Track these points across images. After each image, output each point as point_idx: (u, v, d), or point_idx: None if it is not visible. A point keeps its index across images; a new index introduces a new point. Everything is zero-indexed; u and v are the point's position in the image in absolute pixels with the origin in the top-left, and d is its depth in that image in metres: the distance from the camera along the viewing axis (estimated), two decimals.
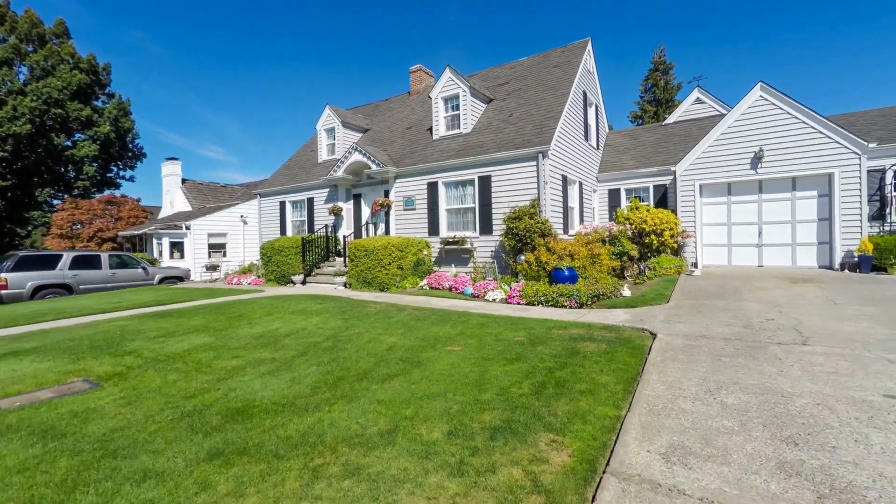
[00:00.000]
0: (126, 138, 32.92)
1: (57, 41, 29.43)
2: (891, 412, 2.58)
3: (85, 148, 29.19)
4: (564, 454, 2.26)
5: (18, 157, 27.17)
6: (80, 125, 29.47)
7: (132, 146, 33.79)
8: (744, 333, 4.52)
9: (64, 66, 27.91)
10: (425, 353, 4.27)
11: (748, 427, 2.48)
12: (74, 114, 28.27)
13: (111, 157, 31.99)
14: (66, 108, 27.80)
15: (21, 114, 25.59)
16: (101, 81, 31.51)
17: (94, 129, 29.39)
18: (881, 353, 3.67)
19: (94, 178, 30.67)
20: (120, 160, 33.13)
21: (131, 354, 4.61)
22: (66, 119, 28.41)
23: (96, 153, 29.79)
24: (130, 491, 2.05)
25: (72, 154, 29.07)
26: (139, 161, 35.14)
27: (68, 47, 28.94)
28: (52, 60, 27.69)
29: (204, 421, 2.83)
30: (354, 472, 2.15)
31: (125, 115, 31.98)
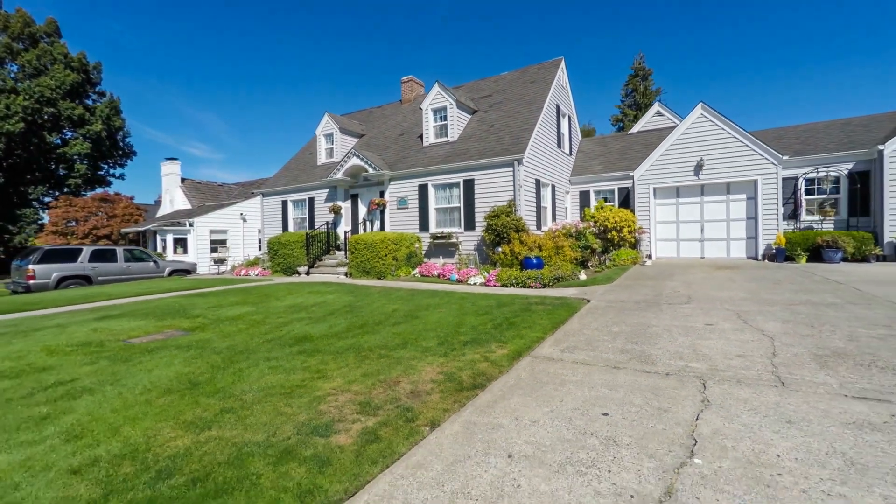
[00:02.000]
0: (117, 136, 33.78)
1: (48, 40, 30.20)
2: (702, 330, 4.41)
3: (77, 146, 30.03)
4: (504, 350, 4.02)
5: (10, 155, 27.93)
6: (72, 124, 30.28)
7: (123, 144, 34.63)
8: (651, 299, 6.37)
9: (57, 65, 28.73)
10: (420, 313, 6.01)
11: (616, 338, 4.29)
12: (67, 112, 29.11)
13: (102, 155, 32.80)
14: (59, 106, 28.64)
15: (14, 112, 26.39)
16: (91, 80, 32.32)
17: (87, 128, 30.24)
18: (728, 306, 5.55)
19: (85, 175, 31.49)
20: (111, 158, 33.94)
21: (199, 317, 6.24)
22: (59, 117, 29.22)
23: (88, 151, 30.64)
24: (262, 364, 3.75)
25: (64, 152, 29.89)
26: (129, 159, 35.95)
27: (61, 47, 29.74)
28: (44, 60, 28.49)
29: (283, 341, 4.53)
30: (384, 357, 3.88)
31: (116, 113, 32.86)
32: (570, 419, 2.53)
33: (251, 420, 2.65)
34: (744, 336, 4.14)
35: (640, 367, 3.40)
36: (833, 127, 12.71)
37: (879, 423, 2.31)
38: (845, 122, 12.79)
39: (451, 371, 3.46)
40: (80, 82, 30.64)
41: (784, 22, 62.78)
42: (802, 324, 4.49)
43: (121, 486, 1.97)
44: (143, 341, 4.83)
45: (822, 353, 3.51)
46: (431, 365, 3.64)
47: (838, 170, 11.12)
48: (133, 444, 2.38)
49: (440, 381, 3.25)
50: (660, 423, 2.42)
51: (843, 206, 11.12)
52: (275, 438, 2.40)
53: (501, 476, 1.98)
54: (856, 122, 12.55)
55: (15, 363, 4.06)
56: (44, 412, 2.86)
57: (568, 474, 1.96)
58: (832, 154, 11.12)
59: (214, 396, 3.05)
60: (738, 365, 3.34)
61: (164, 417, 2.72)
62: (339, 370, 3.58)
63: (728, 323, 4.68)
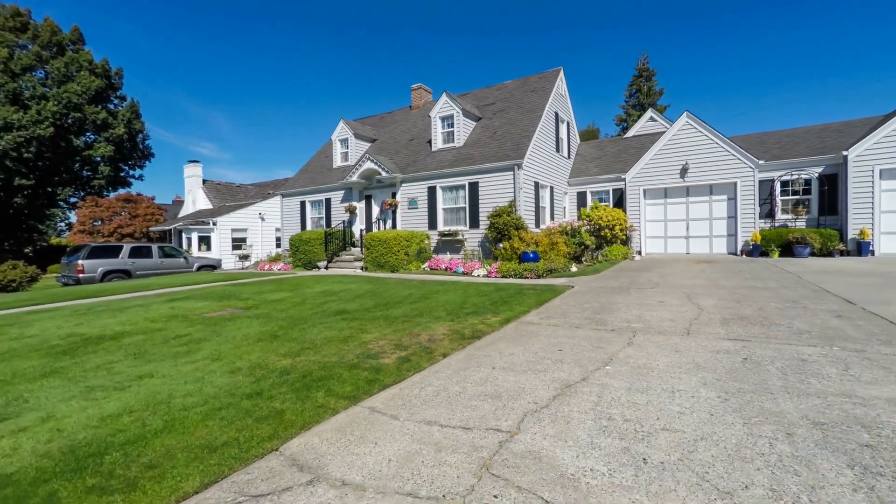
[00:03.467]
0: (137, 139, 35.54)
1: (73, 47, 32.02)
2: (653, 305, 5.70)
3: (101, 149, 31.82)
4: (497, 318, 5.36)
5: (40, 158, 29.76)
6: (96, 127, 32.07)
7: (142, 146, 36.42)
8: (625, 286, 7.66)
9: (83, 72, 30.51)
10: (431, 296, 7.36)
11: (584, 311, 5.60)
12: (91, 117, 30.88)
13: (123, 157, 34.58)
14: (84, 111, 30.43)
15: (44, 118, 28.17)
16: (113, 85, 34.11)
17: (110, 132, 32.01)
18: (685, 290, 6.82)
19: (108, 177, 33.30)
20: (131, 160, 35.75)
21: (249, 300, 7.65)
22: (84, 122, 31.02)
23: (111, 154, 32.44)
24: (317, 325, 5.12)
25: (88, 154, 31.70)
26: (148, 161, 37.76)
27: (85, 54, 31.52)
28: (71, 67, 30.28)
29: (326, 314, 5.91)
30: (407, 321, 5.24)
31: (137, 117, 34.63)
32: (535, 352, 3.87)
33: (324, 352, 4.02)
34: (682, 309, 5.43)
35: (594, 327, 4.72)
36: (811, 132, 13.84)
37: (732, 350, 3.62)
38: (822, 127, 13.91)
39: (456, 329, 4.81)
40: (104, 88, 32.42)
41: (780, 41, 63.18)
42: (732, 300, 5.78)
43: (261, 378, 3.34)
44: (216, 315, 6.24)
45: (729, 318, 4.80)
46: (442, 326, 4.99)
47: (810, 173, 12.27)
48: (255, 363, 3.76)
49: (449, 334, 4.59)
50: (593, 353, 3.75)
51: (815, 205, 12.28)
52: (343, 360, 3.76)
53: (487, 375, 3.32)
54: (832, 128, 13.67)
55: (134, 326, 5.49)
56: (184, 350, 4.26)
57: (528, 374, 3.30)
58: (805, 158, 12.27)
59: (293, 342, 4.43)
60: (666, 325, 4.64)
61: (266, 352, 4.10)
62: (375, 328, 4.94)
63: (676, 301, 5.97)
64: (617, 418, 2.46)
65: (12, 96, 27.25)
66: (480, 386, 3.07)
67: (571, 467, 1.97)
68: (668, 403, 2.63)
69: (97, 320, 6.06)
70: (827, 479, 1.80)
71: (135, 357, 4.07)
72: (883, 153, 10.84)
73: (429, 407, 2.74)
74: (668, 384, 2.94)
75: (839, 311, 4.91)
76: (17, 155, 27.06)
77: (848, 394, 2.64)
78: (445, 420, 2.53)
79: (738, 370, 3.14)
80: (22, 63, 28.08)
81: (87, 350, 4.41)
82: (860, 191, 11.07)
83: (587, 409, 2.59)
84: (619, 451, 2.10)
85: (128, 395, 3.08)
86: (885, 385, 2.75)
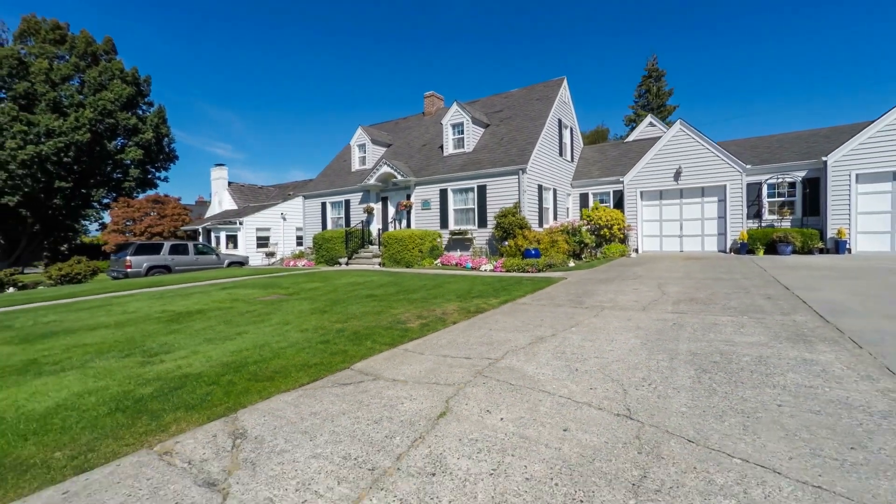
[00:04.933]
0: (163, 142, 37.69)
1: (106, 57, 34.22)
2: (627, 291, 6.96)
3: (131, 152, 33.95)
4: (497, 300, 6.69)
5: (77, 162, 31.99)
6: (127, 132, 34.24)
7: (168, 150, 38.57)
8: (612, 278, 8.90)
9: (115, 80, 32.65)
10: (443, 285, 8.72)
11: (569, 295, 6.90)
12: (123, 122, 33.02)
13: (151, 160, 36.74)
14: (117, 117, 32.56)
15: (82, 124, 30.33)
16: (142, 92, 36.27)
17: (140, 136, 34.14)
18: (659, 281, 8.04)
19: (137, 179, 35.48)
20: (157, 162, 37.92)
21: (289, 288, 9.11)
22: (116, 127, 33.18)
23: (140, 157, 34.57)
24: (354, 304, 6.53)
25: (120, 158, 33.86)
26: (172, 163, 39.90)
27: (117, 63, 33.69)
28: (105, 76, 32.43)
29: (358, 297, 7.31)
30: (424, 302, 6.61)
31: (163, 122, 36.74)
32: (522, 321, 5.19)
33: (364, 320, 5.40)
34: (650, 293, 6.69)
35: (573, 306, 6.02)
36: (801, 137, 14.81)
37: (669, 319, 4.89)
38: (812, 132, 14.87)
39: (463, 307, 6.16)
40: (134, 94, 34.55)
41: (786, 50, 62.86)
42: (693, 288, 7.01)
43: (324, 334, 4.74)
44: (268, 299, 7.70)
45: (683, 299, 6.06)
46: (452, 305, 6.34)
47: (794, 176, 13.28)
48: (316, 326, 5.17)
49: (457, 310, 5.94)
50: (565, 321, 5.06)
51: (799, 207, 13.28)
52: (380, 325, 5.14)
53: (484, 333, 4.66)
54: (821, 134, 14.61)
55: (209, 305, 6.97)
56: (258, 319, 5.70)
57: (513, 332, 4.63)
58: (791, 163, 13.28)
59: (338, 314, 5.84)
60: (630, 304, 5.92)
61: (321, 320, 5.51)
62: (399, 306, 6.32)
63: (647, 288, 7.22)
64: (567, 353, 3.78)
65: (53, 105, 29.43)
66: (479, 339, 4.42)
67: (530, 372, 3.31)
68: (604, 346, 3.94)
69: (176, 302, 7.58)
70: (678, 374, 3.11)
71: (225, 323, 5.53)
72: (859, 159, 11.82)
73: (443, 348, 4.10)
74: (610, 337, 4.25)
75: (772, 294, 6.12)
76: (57, 159, 29.25)
77: (726, 341, 3.92)
78: (454, 354, 3.89)
79: (664, 330, 4.43)
80: (61, 73, 30.28)
81: (186, 320, 5.89)
82: (838, 193, 12.07)
83: (549, 350, 3.92)
84: (562, 366, 3.42)
85: (237, 342, 4.51)
86: (754, 336, 4.02)
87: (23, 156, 27.28)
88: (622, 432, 2.28)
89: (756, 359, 3.39)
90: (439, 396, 2.88)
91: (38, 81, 28.62)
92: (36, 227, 32.28)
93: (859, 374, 2.96)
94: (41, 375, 3.63)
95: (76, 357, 4.18)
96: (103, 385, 3.32)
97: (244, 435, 2.44)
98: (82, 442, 2.41)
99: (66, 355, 4.26)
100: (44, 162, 28.63)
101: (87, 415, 2.77)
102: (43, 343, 4.83)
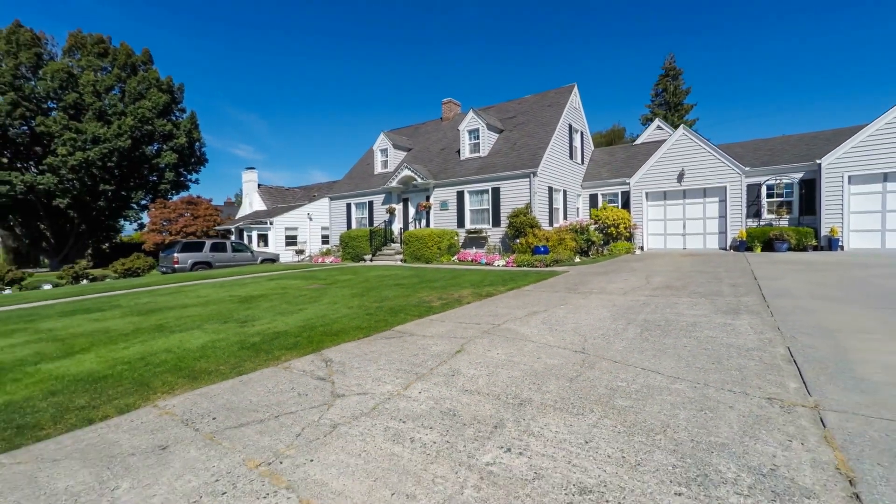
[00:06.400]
0: (195, 146, 40.15)
1: (144, 67, 36.79)
2: (618, 281, 8.17)
3: (167, 157, 36.40)
4: (504, 288, 8.00)
5: (118, 167, 34.60)
6: (163, 138, 36.74)
7: (199, 153, 41.04)
8: (610, 271, 10.08)
9: (152, 89, 35.13)
10: (460, 277, 10.06)
11: (567, 284, 8.15)
12: (160, 128, 35.47)
13: (184, 164, 39.23)
14: (154, 124, 35.03)
15: (124, 131, 32.86)
16: (176, 99, 38.74)
17: (174, 141, 36.58)
18: (648, 272, 9.20)
19: (172, 181, 37.98)
20: (189, 165, 40.43)
21: (326, 279, 10.60)
22: (153, 133, 35.69)
23: (174, 161, 37.03)
24: (385, 289, 7.94)
25: (157, 162, 36.39)
26: (203, 166, 42.37)
27: (154, 73, 36.18)
28: (143, 85, 34.95)
29: (388, 285, 8.73)
30: (444, 289, 7.97)
31: (195, 127, 39.16)
32: (523, 302, 6.49)
33: (396, 302, 6.80)
34: (636, 283, 7.88)
35: (567, 292, 7.28)
36: (802, 140, 15.56)
37: (641, 300, 6.12)
38: (814, 135, 15.59)
39: (476, 292, 7.49)
40: (168, 102, 36.98)
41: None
42: (675, 279, 8.17)
43: (366, 310, 6.15)
44: (312, 287, 9.19)
45: (660, 287, 7.24)
46: (467, 290, 7.68)
47: (792, 178, 14.09)
48: (358, 305, 6.59)
49: (471, 294, 7.28)
50: (557, 302, 6.34)
51: (796, 207, 14.09)
52: (409, 304, 6.52)
53: (491, 309, 5.99)
54: (822, 136, 15.34)
55: (267, 291, 8.50)
56: (310, 300, 7.17)
57: (515, 309, 5.94)
58: (789, 165, 14.10)
59: (374, 297, 7.25)
60: (615, 290, 7.14)
61: (361, 301, 6.93)
62: (423, 291, 7.70)
63: (636, 279, 8.41)
64: (551, 320, 5.08)
65: (98, 114, 31.99)
66: (487, 312, 5.76)
67: (522, 331, 4.62)
68: (582, 316, 5.22)
69: (236, 289, 9.15)
70: (627, 332, 4.38)
71: (286, 303, 7.01)
72: (851, 162, 12.61)
73: (459, 318, 5.45)
74: (589, 311, 5.52)
75: (739, 283, 7.25)
76: (101, 164, 31.77)
77: (677, 313, 5.15)
78: (467, 322, 5.23)
79: (633, 307, 5.68)
80: (105, 84, 32.83)
81: (254, 301, 7.41)
82: (832, 194, 12.87)
83: (539, 318, 5.22)
84: (546, 328, 4.73)
85: (302, 314, 5.96)
86: (700, 310, 5.24)
87: (72, 161, 29.86)
88: (574, 359, 3.59)
89: (690, 323, 4.62)
90: (456, 343, 4.24)
91: (86, 92, 31.18)
92: (82, 226, 35.04)
93: (754, 331, 4.18)
94: (174, 333, 5.15)
95: (189, 323, 5.71)
96: (223, 337, 4.80)
97: (330, 361, 3.84)
98: (231, 362, 3.86)
99: (180, 322, 5.79)
100: (90, 167, 31.19)
101: (225, 351, 4.24)
102: (155, 315, 6.40)
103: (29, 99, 30.38)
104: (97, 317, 6.51)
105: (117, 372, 3.68)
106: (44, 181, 30.08)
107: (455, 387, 3.06)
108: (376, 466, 2.05)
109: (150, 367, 3.77)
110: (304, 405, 2.83)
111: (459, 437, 2.30)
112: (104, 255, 37.92)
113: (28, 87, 30.29)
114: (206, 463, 2.14)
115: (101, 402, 3.02)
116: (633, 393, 2.80)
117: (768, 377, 2.98)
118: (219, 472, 2.06)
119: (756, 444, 2.11)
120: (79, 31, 34.48)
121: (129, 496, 1.89)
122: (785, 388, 2.78)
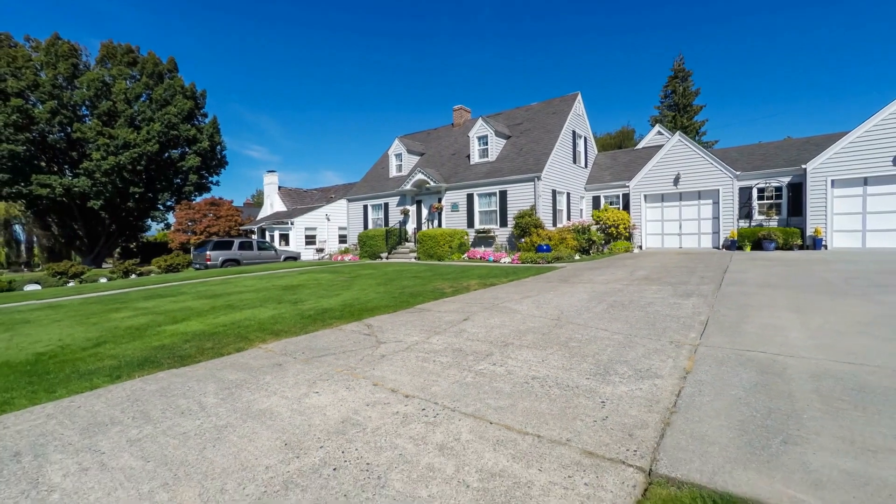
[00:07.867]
0: (216, 150, 42.27)
1: (169, 75, 38.96)
2: (606, 274, 9.45)
3: (191, 160, 38.52)
4: (507, 279, 9.35)
5: (146, 170, 36.79)
6: (187, 142, 38.87)
7: (220, 156, 43.15)
8: (603, 267, 11.34)
9: (178, 96, 37.25)
10: (469, 271, 11.43)
11: (561, 277, 9.47)
12: (184, 133, 37.57)
13: (206, 167, 41.35)
14: (179, 129, 37.15)
15: (152, 136, 34.99)
16: (199, 105, 40.88)
17: (198, 145, 38.67)
18: (633, 267, 10.45)
19: (195, 184, 40.11)
20: (211, 168, 42.55)
21: (350, 273, 12.07)
22: (178, 137, 37.82)
23: (198, 164, 39.13)
24: (404, 280, 9.37)
25: (181, 165, 38.53)
26: (223, 168, 44.50)
27: (179, 80, 38.31)
28: (169, 92, 37.09)
29: (406, 276, 10.15)
30: (454, 280, 9.37)
31: (217, 131, 41.25)
32: (520, 290, 7.84)
33: (414, 289, 8.21)
34: (621, 276, 9.16)
35: (559, 282, 8.61)
36: (794, 145, 16.56)
37: (618, 288, 7.43)
38: (805, 140, 16.58)
39: (482, 282, 8.86)
40: (192, 108, 39.08)
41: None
42: (656, 272, 9.42)
43: (391, 294, 7.57)
44: (341, 279, 10.66)
45: (640, 279, 8.52)
46: (474, 281, 9.05)
47: (781, 181, 15.13)
48: (383, 291, 8.02)
49: (477, 284, 8.65)
50: (549, 289, 7.68)
51: (784, 209, 15.12)
52: (425, 290, 7.92)
53: (493, 294, 7.36)
54: (814, 141, 16.32)
55: (303, 281, 10.00)
56: (343, 288, 8.63)
57: (512, 294, 7.30)
58: (778, 169, 15.15)
59: (396, 286, 8.67)
60: (600, 281, 8.44)
61: (385, 289, 8.36)
62: (437, 282, 9.10)
63: (623, 273, 9.68)
64: (540, 301, 6.43)
65: (129, 120, 34.15)
66: (489, 296, 7.13)
67: (515, 307, 5.98)
68: (565, 299, 6.56)
69: (274, 280, 10.67)
70: (596, 308, 5.71)
71: (324, 290, 8.48)
72: (834, 166, 13.62)
73: (467, 300, 6.83)
74: (572, 296, 6.85)
75: (708, 276, 8.49)
76: (132, 168, 33.93)
77: (641, 297, 6.45)
78: (473, 302, 6.61)
79: (608, 292, 6.99)
80: (135, 92, 35.01)
81: (295, 289, 8.89)
82: (816, 197, 13.90)
83: (531, 300, 6.57)
84: (534, 306, 6.08)
85: (340, 297, 7.41)
86: (661, 295, 6.53)
87: (105, 165, 32.03)
88: (550, 323, 4.95)
89: (648, 302, 5.93)
90: (463, 314, 5.63)
91: (118, 100, 33.35)
92: (112, 227, 37.32)
93: (693, 307, 5.48)
94: (244, 309, 6.64)
95: (251, 302, 7.20)
96: (284, 311, 6.27)
97: (370, 325, 5.26)
98: (299, 326, 5.31)
99: (243, 303, 7.29)
100: (121, 170, 33.35)
101: (290, 320, 5.69)
102: (221, 299, 7.92)
103: (66, 107, 32.62)
104: (174, 300, 8.06)
105: (220, 331, 5.15)
106: (79, 184, 32.31)
107: (462, 337, 4.45)
108: (413, 370, 3.46)
109: (241, 329, 5.24)
110: (360, 346, 4.26)
111: (463, 359, 3.69)
112: (132, 254, 40.21)
113: (66, 95, 32.53)
114: (310, 371, 3.57)
115: (222, 345, 4.49)
116: (583, 340, 4.16)
117: (680, 332, 4.30)
118: (320, 373, 3.48)
119: (647, 360, 3.45)
120: (110, 42, 36.76)
121: (274, 383, 3.33)
122: (686, 337, 4.10)
